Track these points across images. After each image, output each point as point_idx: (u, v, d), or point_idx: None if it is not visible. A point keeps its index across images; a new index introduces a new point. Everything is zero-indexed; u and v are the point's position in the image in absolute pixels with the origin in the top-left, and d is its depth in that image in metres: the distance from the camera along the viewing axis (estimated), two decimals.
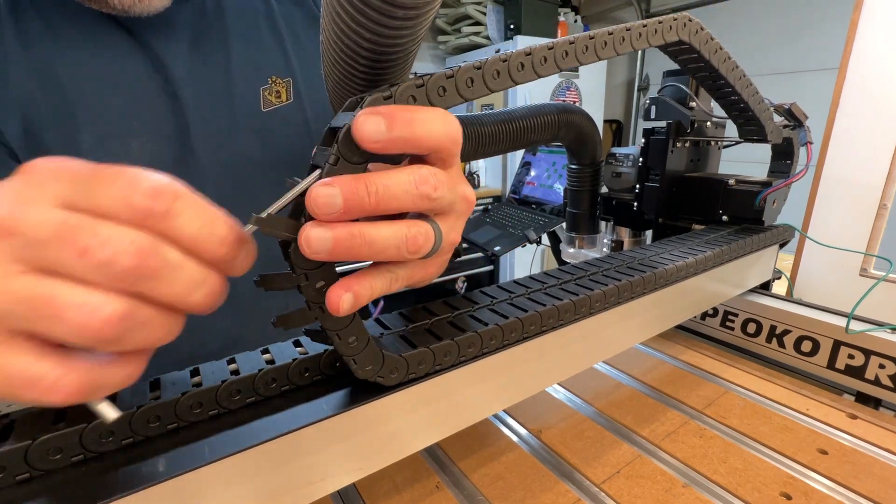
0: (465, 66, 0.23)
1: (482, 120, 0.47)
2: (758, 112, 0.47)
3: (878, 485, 0.36)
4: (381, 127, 0.19)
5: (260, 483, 0.23)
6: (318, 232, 0.19)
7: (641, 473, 0.37)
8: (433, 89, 0.22)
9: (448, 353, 0.28)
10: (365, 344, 0.24)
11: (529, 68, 0.25)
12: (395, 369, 0.26)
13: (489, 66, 0.23)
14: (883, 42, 0.70)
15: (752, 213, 0.55)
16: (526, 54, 0.25)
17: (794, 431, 0.42)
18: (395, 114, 0.20)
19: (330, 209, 0.19)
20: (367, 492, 0.36)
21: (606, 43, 0.29)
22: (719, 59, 0.40)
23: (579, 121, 0.54)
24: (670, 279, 0.42)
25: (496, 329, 0.30)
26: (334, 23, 0.22)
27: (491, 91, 0.24)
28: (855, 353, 0.48)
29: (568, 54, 0.27)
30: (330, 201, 0.19)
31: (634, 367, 0.53)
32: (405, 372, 0.26)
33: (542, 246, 1.59)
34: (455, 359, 0.28)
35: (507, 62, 0.24)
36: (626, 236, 0.70)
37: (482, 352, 0.30)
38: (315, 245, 0.19)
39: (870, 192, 0.72)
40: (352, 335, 0.23)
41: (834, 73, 0.75)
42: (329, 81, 0.27)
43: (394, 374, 0.26)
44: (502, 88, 0.24)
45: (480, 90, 0.23)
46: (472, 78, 0.23)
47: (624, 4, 2.76)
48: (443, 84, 0.22)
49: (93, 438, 0.21)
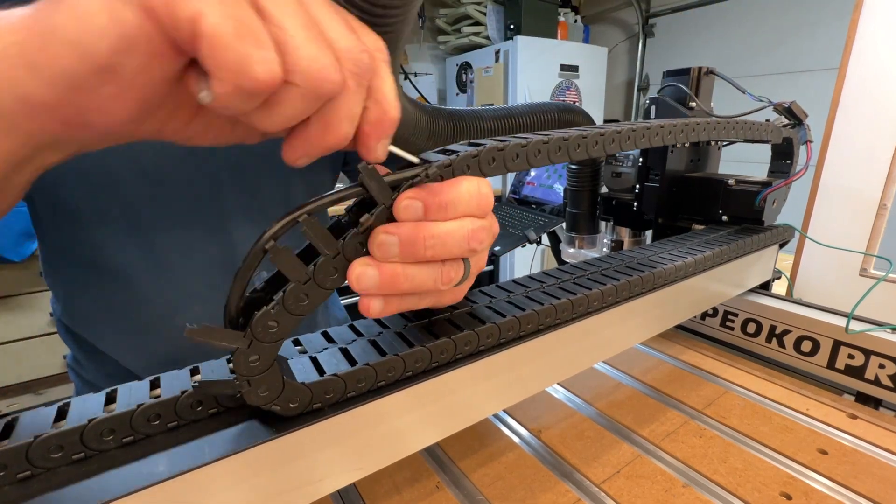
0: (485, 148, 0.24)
1: (481, 115, 0.47)
2: (755, 137, 0.47)
3: (878, 485, 0.36)
4: (418, 212, 0.21)
5: (260, 483, 0.23)
6: (368, 270, 0.21)
7: (641, 473, 0.37)
8: (459, 168, 0.23)
9: (444, 351, 0.28)
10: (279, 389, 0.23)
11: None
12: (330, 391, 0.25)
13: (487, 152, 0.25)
14: (883, 42, 0.70)
15: (751, 212, 0.55)
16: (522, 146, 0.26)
17: (794, 431, 0.42)
18: (428, 200, 0.21)
19: (387, 254, 0.21)
20: (367, 492, 0.36)
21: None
22: (698, 132, 0.40)
23: (579, 120, 0.54)
24: (670, 279, 0.42)
25: (493, 327, 0.30)
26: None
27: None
28: (855, 353, 0.48)
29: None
30: (388, 250, 0.21)
31: (634, 367, 0.53)
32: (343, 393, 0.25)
33: (542, 246, 1.59)
34: (451, 356, 0.28)
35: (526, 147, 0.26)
36: (625, 236, 0.70)
37: (478, 349, 0.30)
38: (364, 282, 0.21)
39: (870, 191, 0.72)
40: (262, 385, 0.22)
41: (834, 73, 0.75)
42: None
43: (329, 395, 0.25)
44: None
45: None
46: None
47: (624, 5, 2.76)
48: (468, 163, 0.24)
49: (93, 436, 0.21)
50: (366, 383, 0.25)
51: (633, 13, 2.72)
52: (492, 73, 2.32)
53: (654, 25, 2.70)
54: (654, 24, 2.70)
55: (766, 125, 0.48)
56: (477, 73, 2.44)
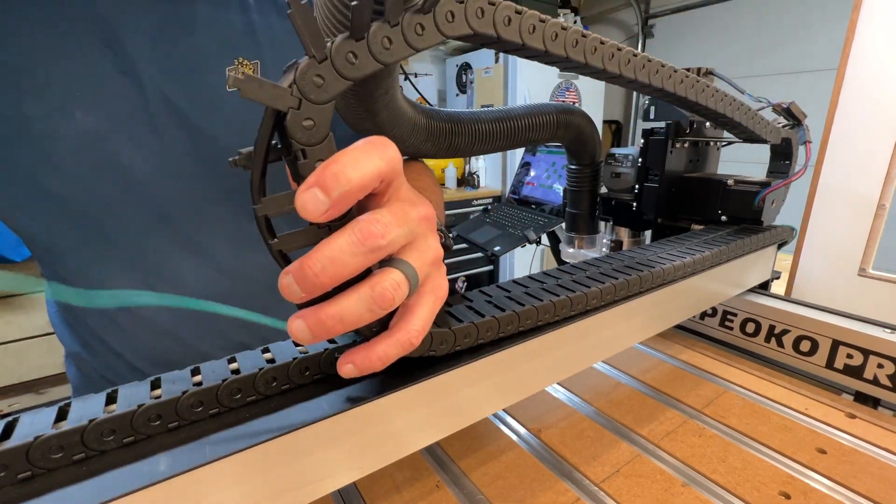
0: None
1: (479, 117, 0.47)
2: (744, 121, 0.47)
3: (876, 484, 0.36)
4: (320, 197, 0.19)
5: (260, 482, 0.23)
6: (297, 324, 0.21)
7: (641, 472, 0.37)
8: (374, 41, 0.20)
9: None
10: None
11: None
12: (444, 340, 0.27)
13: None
14: (882, 42, 0.70)
15: (750, 213, 0.55)
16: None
17: (793, 431, 0.42)
18: (325, 179, 0.19)
19: (293, 296, 0.20)
20: (368, 491, 0.36)
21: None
22: (675, 82, 0.38)
23: (578, 121, 0.54)
24: (669, 279, 0.42)
25: (492, 321, 0.30)
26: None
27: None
28: (853, 352, 0.48)
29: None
30: (290, 290, 0.20)
31: (634, 367, 0.54)
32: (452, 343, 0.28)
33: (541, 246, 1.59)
34: (450, 348, 0.28)
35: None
36: (625, 236, 0.70)
37: (477, 343, 0.30)
38: (301, 336, 0.21)
39: (868, 192, 0.72)
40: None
41: (833, 74, 0.75)
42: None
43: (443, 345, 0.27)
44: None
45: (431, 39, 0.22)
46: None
47: (623, 5, 2.76)
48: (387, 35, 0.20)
49: (94, 437, 0.21)
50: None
51: (632, 14, 2.73)
52: (491, 74, 2.33)
53: (653, 26, 2.71)
54: (653, 24, 2.70)
55: (765, 121, 0.48)
56: (477, 74, 2.44)
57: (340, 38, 0.19)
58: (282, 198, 0.20)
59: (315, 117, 0.19)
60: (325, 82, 0.19)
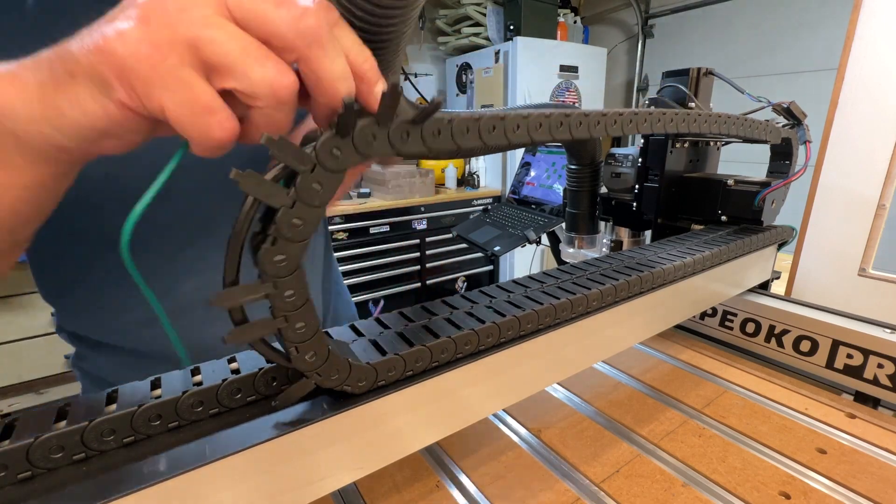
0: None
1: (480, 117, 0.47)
2: (753, 135, 0.47)
3: (876, 484, 0.36)
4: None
5: (260, 482, 0.23)
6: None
7: (641, 472, 0.37)
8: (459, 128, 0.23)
9: (419, 360, 0.28)
10: (325, 358, 0.23)
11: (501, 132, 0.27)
12: (363, 378, 0.25)
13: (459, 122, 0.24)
14: (882, 42, 0.70)
15: (750, 213, 0.55)
16: (500, 118, 0.26)
17: (793, 431, 0.42)
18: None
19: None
20: (368, 491, 0.36)
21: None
22: (689, 122, 0.39)
23: None
24: (669, 279, 0.42)
25: (493, 326, 0.30)
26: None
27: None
28: (853, 352, 0.48)
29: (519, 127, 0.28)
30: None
31: (634, 367, 0.54)
32: (373, 380, 0.26)
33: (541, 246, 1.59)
34: (451, 356, 0.28)
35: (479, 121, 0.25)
36: (625, 236, 0.70)
37: (478, 349, 0.30)
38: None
39: (868, 191, 0.72)
40: (310, 350, 0.23)
41: (833, 74, 0.75)
42: None
43: (362, 383, 0.25)
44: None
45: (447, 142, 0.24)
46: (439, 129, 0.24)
47: (623, 5, 2.76)
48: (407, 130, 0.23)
49: (94, 437, 0.21)
50: (366, 383, 0.25)
51: (632, 14, 2.73)
52: (491, 74, 2.33)
53: (653, 26, 2.70)
54: (653, 24, 2.70)
55: (764, 124, 0.48)
56: (477, 74, 2.44)
57: (327, 136, 0.20)
58: (238, 291, 0.20)
59: (305, 216, 0.20)
60: (323, 188, 0.20)
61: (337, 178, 0.20)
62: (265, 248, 0.20)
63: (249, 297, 0.20)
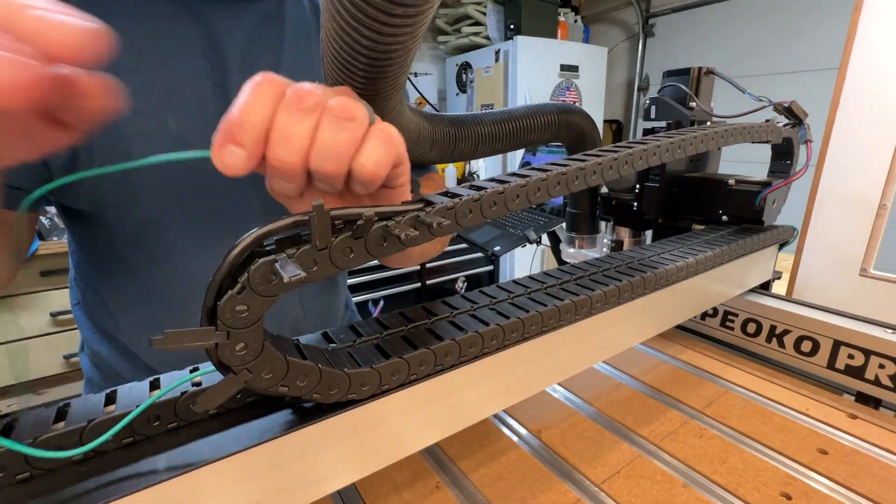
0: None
1: (481, 119, 0.46)
2: (754, 139, 0.47)
3: (878, 485, 0.36)
4: (235, 151, 0.21)
5: (260, 483, 0.23)
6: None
7: (641, 473, 0.37)
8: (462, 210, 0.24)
9: (449, 353, 0.28)
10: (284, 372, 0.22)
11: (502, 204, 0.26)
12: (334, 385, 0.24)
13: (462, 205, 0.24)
14: (883, 41, 0.70)
15: (751, 212, 0.55)
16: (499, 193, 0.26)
17: (794, 431, 0.42)
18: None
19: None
20: (367, 491, 0.36)
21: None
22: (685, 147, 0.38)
23: (579, 121, 0.54)
24: (670, 279, 0.42)
25: (497, 329, 0.30)
26: (334, 20, 0.22)
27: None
28: (855, 352, 0.48)
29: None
30: (232, 156, 0.21)
31: (634, 367, 0.53)
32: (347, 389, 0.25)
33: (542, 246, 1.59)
34: (455, 359, 0.28)
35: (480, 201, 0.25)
36: (626, 236, 0.70)
37: (483, 351, 0.30)
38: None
39: (870, 191, 0.72)
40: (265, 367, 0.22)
41: (834, 73, 0.75)
42: (328, 81, 0.27)
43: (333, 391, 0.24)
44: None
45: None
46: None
47: (624, 5, 2.76)
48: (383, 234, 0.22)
49: (93, 437, 0.21)
50: (370, 387, 0.25)
51: (633, 13, 2.72)
52: (492, 74, 2.32)
53: (654, 25, 2.70)
54: (653, 23, 2.70)
55: (765, 126, 0.48)
56: (477, 74, 2.44)
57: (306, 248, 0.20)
58: (186, 335, 0.19)
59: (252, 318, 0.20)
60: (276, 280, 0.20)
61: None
62: (230, 293, 0.19)
63: (196, 343, 0.19)
